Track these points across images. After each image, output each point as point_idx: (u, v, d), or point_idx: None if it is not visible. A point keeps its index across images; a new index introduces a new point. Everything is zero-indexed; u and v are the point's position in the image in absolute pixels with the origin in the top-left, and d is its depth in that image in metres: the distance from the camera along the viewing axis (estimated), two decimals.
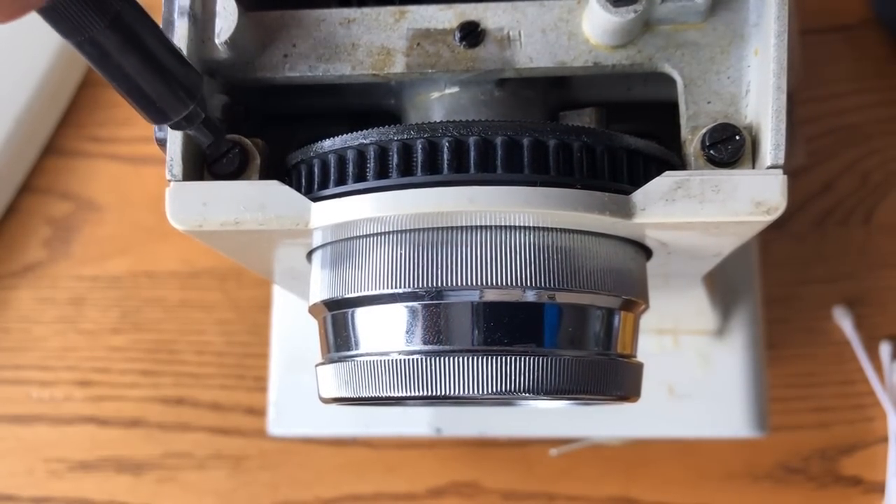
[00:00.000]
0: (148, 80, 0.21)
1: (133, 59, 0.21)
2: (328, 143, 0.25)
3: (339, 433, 0.48)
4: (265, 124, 0.29)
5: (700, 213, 0.23)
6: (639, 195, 0.24)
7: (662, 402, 0.45)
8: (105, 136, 0.56)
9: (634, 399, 0.28)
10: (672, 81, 0.25)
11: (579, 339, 0.25)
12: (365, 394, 0.26)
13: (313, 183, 0.25)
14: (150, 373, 0.51)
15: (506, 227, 0.24)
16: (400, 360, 0.25)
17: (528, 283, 0.24)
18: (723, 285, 0.44)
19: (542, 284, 0.24)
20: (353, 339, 0.26)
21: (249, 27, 0.26)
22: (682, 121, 0.25)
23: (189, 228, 0.24)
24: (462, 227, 0.24)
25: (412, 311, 0.25)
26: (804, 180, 0.51)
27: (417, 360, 0.24)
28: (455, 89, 0.27)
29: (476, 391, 0.24)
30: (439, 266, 0.24)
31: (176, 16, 0.25)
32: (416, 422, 0.45)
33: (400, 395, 0.25)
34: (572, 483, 0.48)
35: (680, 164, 0.25)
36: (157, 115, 0.22)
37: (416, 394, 0.25)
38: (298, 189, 0.25)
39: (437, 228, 0.24)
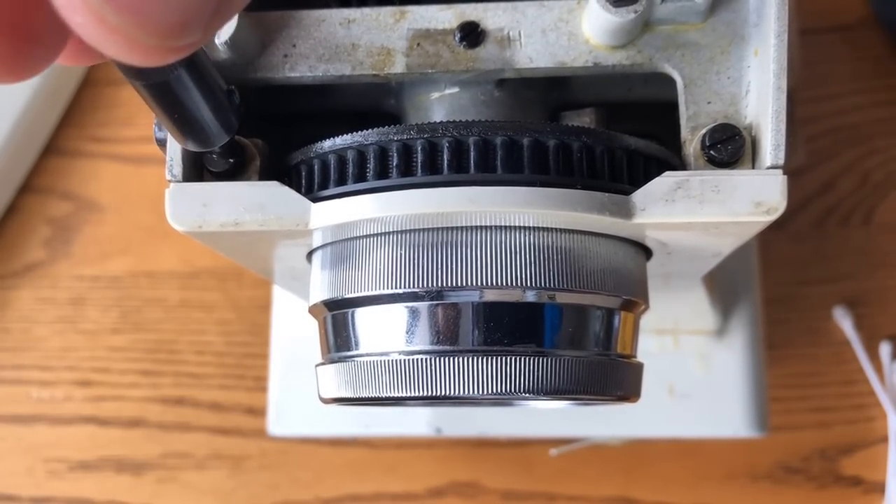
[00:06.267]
0: (204, 113, 0.21)
1: (196, 96, 0.20)
2: (328, 144, 0.25)
3: (339, 433, 0.48)
4: (265, 125, 0.29)
5: (700, 214, 0.23)
6: (639, 195, 0.24)
7: (662, 402, 0.45)
8: (106, 136, 0.56)
9: (634, 399, 0.28)
10: (672, 82, 0.25)
11: (579, 339, 0.25)
12: (365, 394, 0.26)
13: (313, 183, 0.25)
14: (150, 373, 0.51)
15: (506, 227, 0.24)
16: (400, 361, 0.25)
17: (529, 284, 0.24)
18: (723, 285, 0.44)
19: (542, 285, 0.24)
20: (353, 340, 0.26)
21: (249, 27, 0.25)
22: (682, 121, 0.25)
23: (189, 229, 0.24)
24: (462, 228, 0.24)
25: (412, 312, 0.25)
26: (804, 180, 0.51)
27: (417, 360, 0.24)
28: (455, 89, 0.27)
29: (476, 391, 0.24)
30: (439, 266, 0.24)
31: None
32: (416, 422, 0.45)
33: (400, 395, 0.25)
34: (572, 483, 0.48)
35: (680, 164, 0.25)
36: (203, 143, 0.22)
37: (417, 394, 0.25)
38: (298, 189, 0.25)
39: (437, 229, 0.24)
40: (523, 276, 0.24)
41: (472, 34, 0.25)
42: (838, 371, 0.49)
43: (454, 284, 0.24)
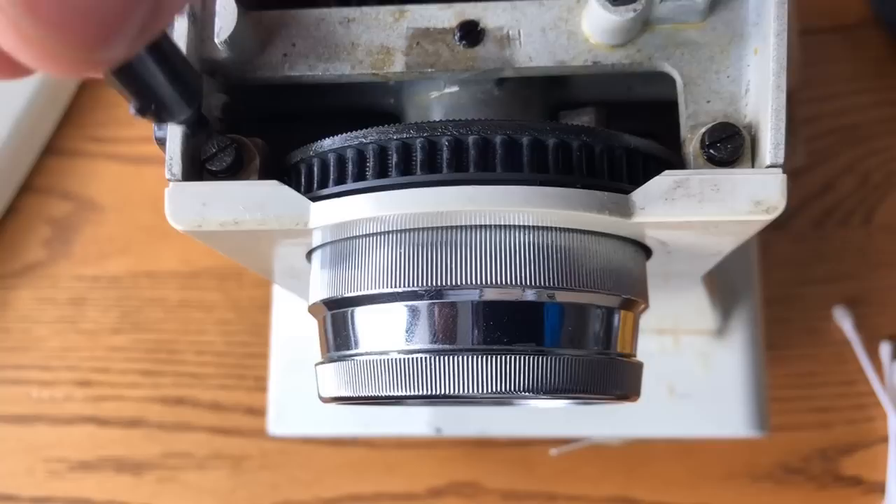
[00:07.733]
0: (164, 88, 0.20)
1: (158, 75, 0.20)
2: (328, 143, 0.25)
3: (339, 433, 0.48)
4: (264, 124, 0.29)
5: (699, 213, 0.23)
6: (638, 194, 0.24)
7: (662, 402, 0.45)
8: (105, 135, 0.56)
9: (634, 398, 0.28)
10: (672, 81, 0.25)
11: (579, 338, 0.25)
12: (365, 393, 0.26)
13: (313, 182, 0.25)
14: (150, 373, 0.51)
15: (505, 226, 0.24)
16: (399, 360, 0.25)
17: (528, 283, 0.24)
18: (723, 285, 0.44)
19: (542, 283, 0.24)
20: (352, 339, 0.26)
21: (249, 26, 0.26)
22: (682, 120, 0.25)
23: (188, 228, 0.24)
24: (461, 227, 0.24)
25: (412, 311, 0.25)
26: (804, 180, 0.51)
27: (417, 359, 0.24)
28: (454, 88, 0.27)
29: (476, 390, 0.24)
30: (439, 265, 0.24)
31: None
32: (416, 422, 0.45)
33: (400, 394, 0.25)
34: (572, 483, 0.48)
35: (679, 163, 0.25)
36: (166, 116, 0.22)
37: (416, 393, 0.25)
38: (298, 189, 0.25)
39: (437, 228, 0.24)
40: (523, 274, 0.24)
41: (471, 33, 0.25)
42: (838, 371, 0.49)
43: (454, 283, 0.24)
